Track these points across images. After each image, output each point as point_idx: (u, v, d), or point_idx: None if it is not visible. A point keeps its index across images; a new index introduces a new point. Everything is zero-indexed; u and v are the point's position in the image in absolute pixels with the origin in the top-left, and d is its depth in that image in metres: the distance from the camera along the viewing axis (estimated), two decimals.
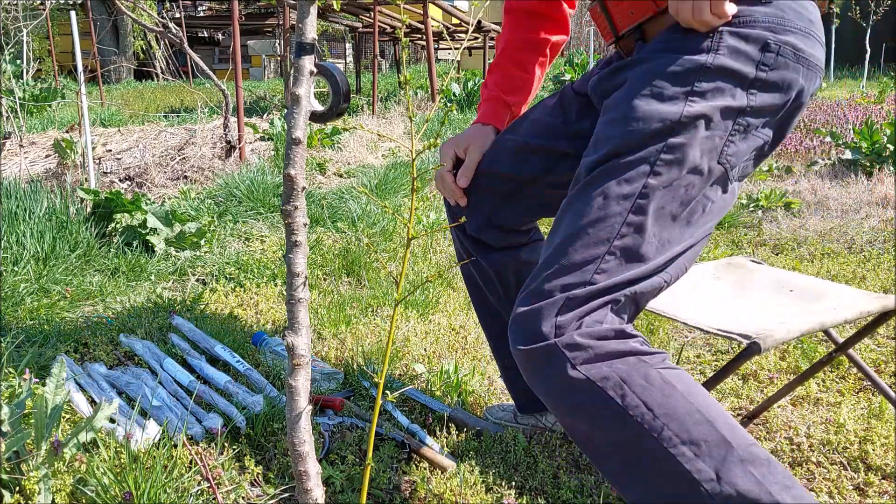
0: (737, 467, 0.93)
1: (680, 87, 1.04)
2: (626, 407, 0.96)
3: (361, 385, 1.82)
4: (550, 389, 1.01)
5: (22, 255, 2.55)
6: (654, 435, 0.95)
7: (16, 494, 1.27)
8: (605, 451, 1.01)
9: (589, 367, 0.97)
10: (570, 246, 1.03)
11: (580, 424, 1.01)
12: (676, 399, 0.96)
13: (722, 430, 0.95)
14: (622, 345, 0.99)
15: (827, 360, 1.53)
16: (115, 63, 13.40)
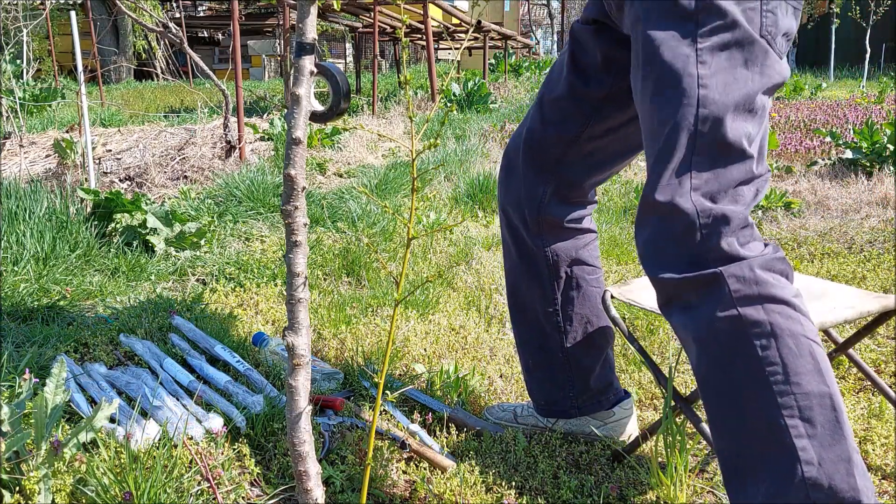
0: (842, 465, 0.91)
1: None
2: (763, 359, 0.94)
3: (361, 385, 1.82)
4: (693, 318, 0.98)
5: (22, 255, 2.55)
6: (778, 398, 0.93)
7: (16, 494, 1.27)
8: (719, 385, 0.98)
9: (747, 306, 0.95)
10: (671, 141, 1.01)
11: (706, 353, 0.99)
12: (813, 375, 0.94)
13: (842, 422, 0.93)
14: (783, 290, 0.97)
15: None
16: (115, 63, 13.40)
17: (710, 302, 0.97)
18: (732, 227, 0.99)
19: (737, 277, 0.96)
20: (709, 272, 0.97)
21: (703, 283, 0.97)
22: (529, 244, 1.49)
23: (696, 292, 0.98)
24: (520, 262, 1.51)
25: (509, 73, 13.64)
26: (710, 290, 0.97)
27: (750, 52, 1.03)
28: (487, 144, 5.73)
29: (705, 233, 0.98)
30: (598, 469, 1.48)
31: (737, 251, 0.98)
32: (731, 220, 0.99)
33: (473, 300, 2.46)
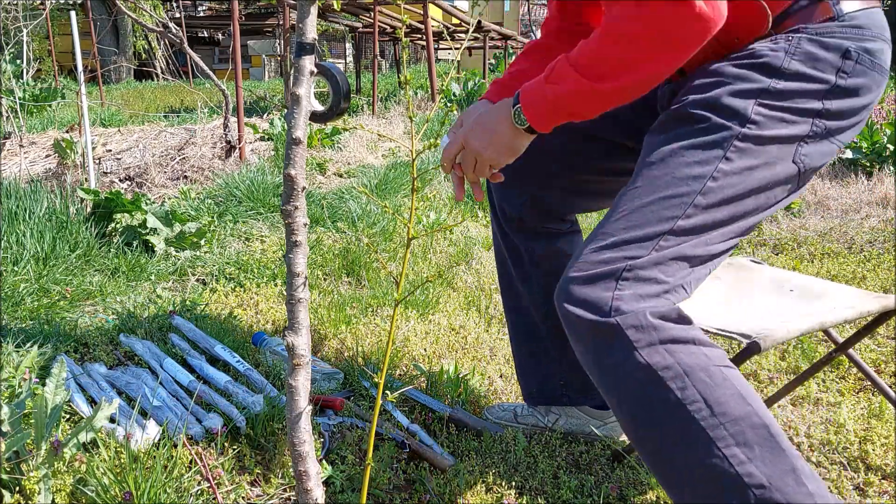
0: (789, 476, 0.92)
1: (753, 84, 1.06)
2: (683, 400, 0.95)
3: (361, 385, 1.82)
4: (605, 370, 1.00)
5: (22, 255, 2.55)
6: (709, 433, 0.93)
7: (16, 494, 1.27)
8: (652, 439, 0.99)
9: (651, 351, 0.96)
10: (635, 219, 1.04)
11: (631, 410, 1.00)
12: (735, 400, 0.95)
13: (777, 436, 0.95)
14: (684, 331, 0.98)
15: (827, 360, 1.52)
16: (115, 63, 13.39)
17: (616, 354, 0.98)
18: (638, 281, 1.01)
19: (634, 327, 0.97)
20: (608, 321, 0.98)
21: (604, 333, 0.99)
22: (512, 238, 1.51)
23: (601, 343, 1.00)
24: (507, 252, 1.53)
25: None
26: (613, 342, 0.98)
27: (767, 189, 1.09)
28: None
29: (613, 284, 1.01)
30: (598, 469, 1.48)
31: (632, 306, 0.99)
32: (638, 275, 1.01)
33: (473, 300, 2.46)
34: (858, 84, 1.10)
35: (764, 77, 1.07)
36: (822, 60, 1.08)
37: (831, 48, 1.08)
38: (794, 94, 1.07)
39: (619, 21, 1.01)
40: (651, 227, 1.03)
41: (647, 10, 0.97)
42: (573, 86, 1.06)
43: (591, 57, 1.04)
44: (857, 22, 1.10)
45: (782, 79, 1.07)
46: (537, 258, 1.50)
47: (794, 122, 1.07)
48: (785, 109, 1.07)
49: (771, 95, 1.07)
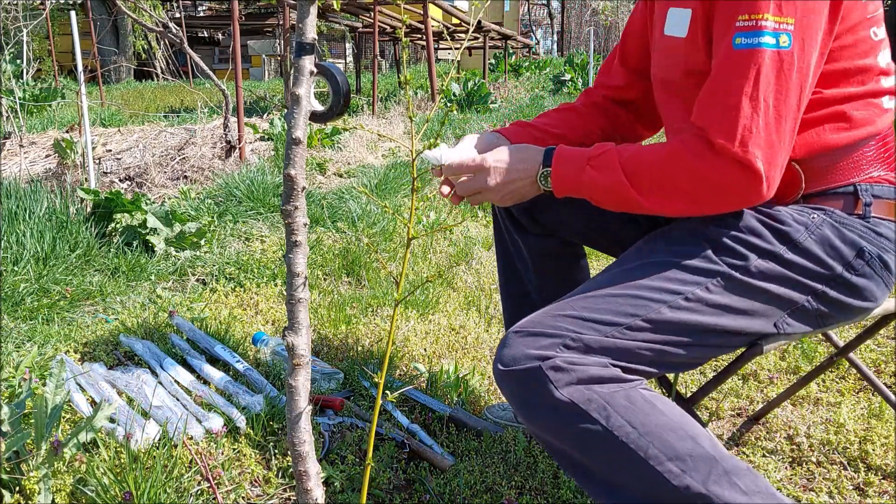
0: (723, 479, 0.95)
1: (765, 245, 1.09)
2: (610, 428, 0.98)
3: (361, 385, 1.82)
4: (533, 413, 1.03)
5: (22, 255, 2.55)
6: (641, 454, 0.97)
7: (16, 494, 1.27)
8: (591, 471, 1.03)
9: (571, 389, 0.99)
10: (600, 304, 1.06)
11: (565, 447, 1.03)
12: (658, 417, 0.99)
13: (704, 444, 0.98)
14: (603, 370, 1.01)
15: (828, 363, 1.53)
16: (115, 63, 13.40)
17: (539, 395, 1.01)
18: (581, 351, 1.03)
19: (554, 368, 1.00)
20: (532, 365, 1.01)
21: (528, 376, 1.01)
22: (513, 231, 1.52)
23: (526, 387, 1.02)
24: (510, 242, 1.55)
25: (509, 73, 13.64)
26: (536, 386, 1.01)
27: None
28: None
29: (557, 345, 1.03)
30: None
31: (560, 356, 1.02)
32: (582, 346, 1.04)
33: (473, 300, 2.46)
34: (862, 284, 1.12)
35: (778, 242, 1.10)
36: (837, 249, 1.10)
37: (848, 242, 1.11)
38: (800, 269, 1.10)
39: (693, 157, 1.06)
40: (611, 315, 1.05)
41: (720, 163, 1.03)
42: (613, 182, 1.10)
43: (648, 172, 1.09)
44: (881, 230, 1.13)
45: (794, 251, 1.10)
46: (533, 257, 1.51)
47: (791, 289, 1.10)
48: (787, 277, 1.10)
49: (778, 260, 1.09)
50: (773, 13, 1.01)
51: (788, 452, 1.57)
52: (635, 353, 1.05)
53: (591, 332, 1.03)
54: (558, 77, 11.09)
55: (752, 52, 1.03)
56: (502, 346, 1.06)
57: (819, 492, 1.42)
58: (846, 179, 1.14)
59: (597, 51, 13.01)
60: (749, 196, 1.05)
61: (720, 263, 1.08)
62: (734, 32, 1.03)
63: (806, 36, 1.03)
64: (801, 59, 1.03)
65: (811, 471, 1.50)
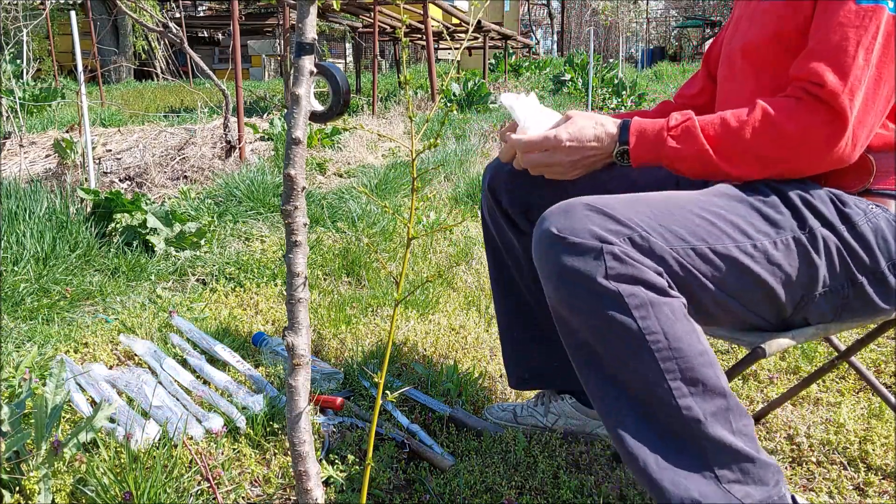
0: (722, 415, 0.98)
1: (830, 217, 1.10)
2: (643, 329, 0.97)
3: (361, 385, 1.82)
4: (569, 289, 1.00)
5: (22, 255, 2.55)
6: (660, 364, 0.97)
7: (16, 494, 1.27)
8: (598, 360, 1.02)
9: (622, 282, 0.97)
10: (677, 214, 1.04)
11: (583, 329, 1.01)
12: (693, 339, 0.99)
13: (723, 380, 0.99)
14: (657, 278, 1.00)
15: (829, 366, 1.53)
16: (115, 63, 13.39)
17: (585, 277, 0.99)
18: (643, 250, 1.02)
19: (613, 255, 0.98)
20: (590, 243, 0.99)
21: (586, 250, 0.99)
22: (504, 228, 1.52)
23: (575, 261, 1.00)
24: (500, 240, 1.55)
25: (509, 73, 13.64)
26: (592, 261, 0.99)
27: None
28: (487, 144, 5.73)
29: (621, 232, 1.01)
30: (598, 469, 1.48)
31: (621, 245, 1.00)
32: (646, 246, 1.02)
33: (473, 300, 2.46)
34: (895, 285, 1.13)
35: (839, 220, 1.10)
36: (887, 243, 1.11)
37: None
38: (851, 252, 1.10)
39: (779, 115, 1.07)
40: (684, 231, 1.03)
41: (813, 117, 1.05)
42: (695, 152, 1.11)
43: (730, 138, 1.10)
44: None
45: (851, 233, 1.10)
46: (525, 256, 1.51)
47: (837, 268, 1.10)
48: (839, 255, 1.10)
49: (837, 237, 1.10)
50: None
51: (788, 452, 1.57)
52: (687, 277, 1.03)
53: (660, 239, 1.01)
54: (558, 77, 11.09)
55: (876, 8, 1.05)
56: (563, 212, 1.02)
57: (819, 492, 1.42)
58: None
59: (597, 51, 13.01)
60: (831, 150, 1.06)
61: (791, 224, 1.08)
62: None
63: None
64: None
65: (811, 471, 1.50)
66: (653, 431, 0.99)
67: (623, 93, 9.48)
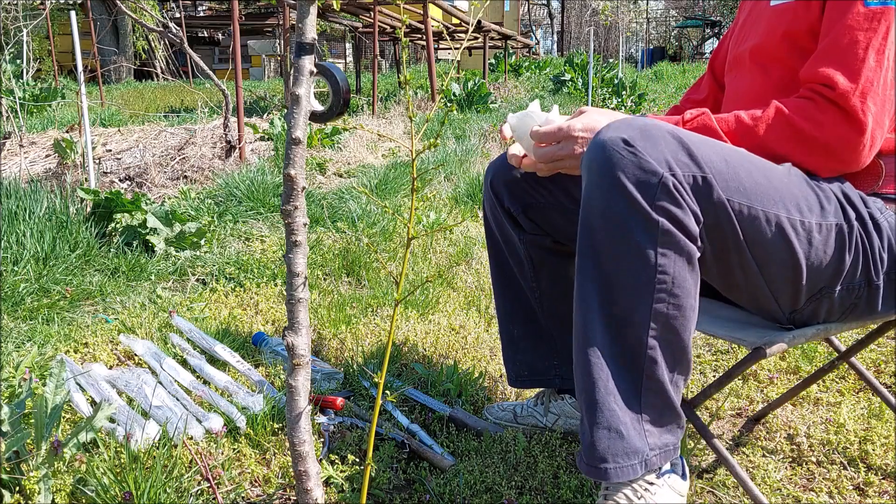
0: (670, 366, 1.04)
1: (863, 211, 1.11)
2: (658, 266, 0.99)
3: (361, 385, 1.82)
4: (612, 194, 1.00)
5: (22, 255, 2.55)
6: (654, 300, 1.00)
7: (16, 494, 1.27)
8: (601, 264, 1.03)
9: (663, 216, 0.98)
10: (749, 170, 1.04)
11: (598, 232, 1.02)
12: (692, 290, 1.02)
13: (689, 336, 1.04)
14: (694, 226, 1.00)
15: (829, 367, 1.53)
16: (115, 63, 13.39)
17: (632, 196, 0.99)
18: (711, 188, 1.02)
19: (670, 187, 0.98)
20: (655, 168, 0.99)
21: (649, 171, 0.99)
22: (506, 227, 1.52)
23: (632, 176, 0.99)
24: (502, 240, 1.55)
25: (509, 73, 13.64)
26: (649, 184, 0.99)
27: None
28: (487, 144, 5.73)
29: (694, 167, 1.02)
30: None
31: (686, 180, 1.01)
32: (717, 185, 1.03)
33: (473, 300, 2.46)
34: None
35: (868, 219, 1.12)
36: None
37: None
38: (872, 250, 1.11)
39: (794, 114, 1.08)
40: (747, 186, 1.03)
41: (827, 118, 1.06)
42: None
43: (744, 134, 1.12)
44: None
45: (876, 230, 1.12)
46: (525, 256, 1.51)
47: (860, 265, 1.11)
48: (864, 252, 1.11)
49: (867, 234, 1.11)
50: None
51: (788, 452, 1.57)
52: (730, 231, 1.04)
53: (724, 187, 1.01)
54: (558, 77, 11.09)
55: (884, 10, 1.06)
56: (640, 128, 1.01)
57: (819, 492, 1.42)
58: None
59: (597, 51, 13.00)
60: (847, 152, 1.07)
61: (837, 213, 1.09)
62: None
63: None
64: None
65: (811, 471, 1.50)
66: (614, 350, 1.03)
67: (623, 93, 9.48)
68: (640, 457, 1.05)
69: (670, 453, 1.09)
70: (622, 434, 1.03)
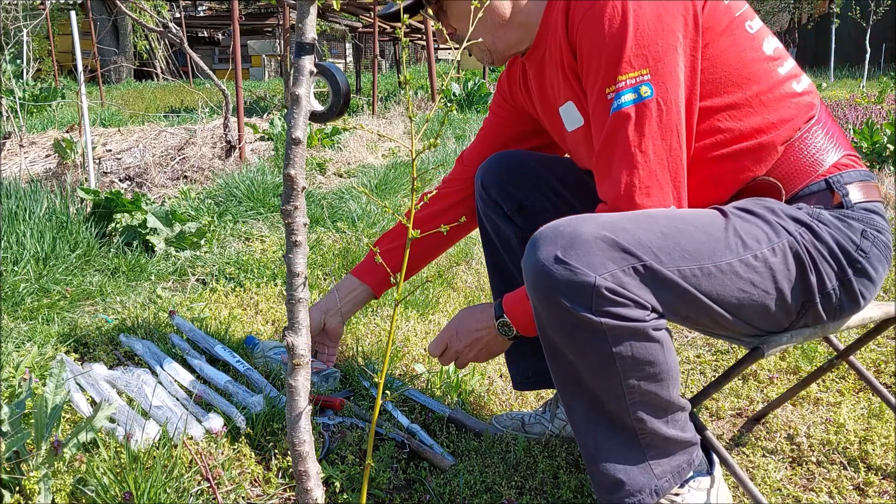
0: (662, 414, 1.09)
1: (803, 217, 1.14)
2: (615, 352, 1.04)
3: (361, 385, 1.82)
4: (562, 315, 1.04)
5: (22, 255, 2.55)
6: (622, 381, 1.05)
7: (16, 494, 1.27)
8: (569, 366, 1.09)
9: (607, 317, 1.01)
10: (688, 233, 1.07)
11: (561, 340, 1.07)
12: (658, 357, 1.05)
13: (672, 390, 1.09)
14: (640, 312, 1.03)
15: (828, 366, 1.53)
16: (115, 63, 13.40)
17: (581, 305, 1.03)
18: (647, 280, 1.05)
19: (605, 290, 1.02)
20: (584, 279, 1.02)
21: (581, 284, 1.02)
22: (497, 222, 1.53)
23: (566, 288, 1.03)
24: (494, 235, 1.56)
25: None
26: (584, 295, 1.02)
27: None
28: None
29: (625, 266, 1.05)
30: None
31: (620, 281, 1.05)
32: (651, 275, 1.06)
33: (473, 300, 2.46)
34: (872, 265, 1.15)
35: (808, 218, 1.14)
36: (844, 233, 1.14)
37: (849, 227, 1.14)
38: (829, 250, 1.13)
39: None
40: (691, 250, 1.06)
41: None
42: None
43: None
44: (869, 209, 1.16)
45: (825, 231, 1.13)
46: (523, 243, 1.52)
47: (824, 270, 1.13)
48: (822, 256, 1.12)
49: (817, 238, 1.12)
50: (625, 72, 1.09)
51: (788, 452, 1.57)
52: (688, 298, 1.06)
53: (663, 265, 1.04)
54: None
55: (617, 115, 1.11)
56: (571, 240, 1.03)
57: (819, 492, 1.42)
58: (812, 177, 1.17)
59: None
60: None
61: (785, 230, 1.11)
62: (608, 106, 1.12)
63: (666, 76, 1.09)
64: (666, 100, 1.10)
65: (811, 471, 1.50)
66: (602, 419, 1.09)
67: None
68: (649, 489, 1.09)
69: (685, 470, 1.12)
70: (622, 482, 1.08)
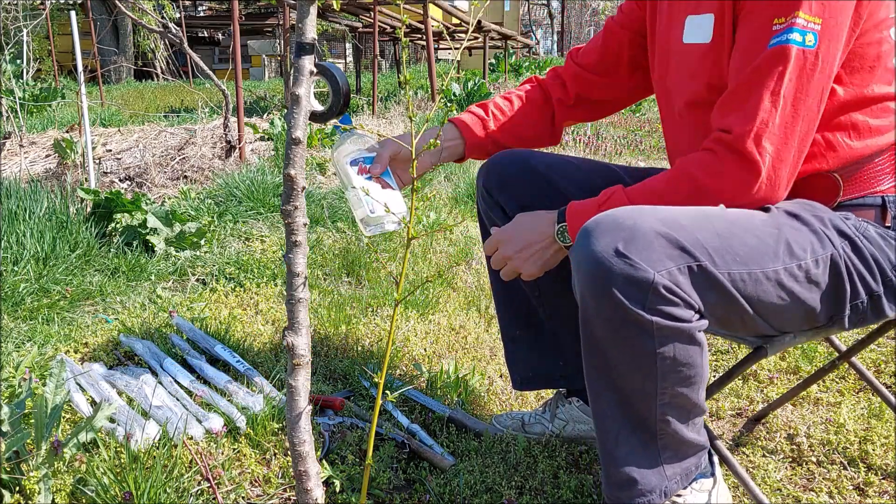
0: (686, 418, 1.10)
1: (850, 232, 1.13)
2: (658, 352, 1.02)
3: (361, 385, 1.82)
4: (605, 301, 1.02)
5: (22, 255, 2.55)
6: (658, 380, 1.04)
7: (16, 494, 1.27)
8: (604, 359, 1.07)
9: (657, 315, 1.00)
10: (742, 238, 1.06)
11: (600, 336, 1.05)
12: (696, 359, 1.05)
13: (700, 394, 1.08)
14: (687, 312, 1.02)
15: (829, 367, 1.53)
16: (115, 63, 13.40)
17: (622, 303, 1.01)
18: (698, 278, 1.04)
19: (661, 289, 1.00)
20: (643, 275, 1.00)
21: (639, 279, 1.00)
22: (501, 222, 1.52)
23: (620, 282, 1.02)
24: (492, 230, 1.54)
25: (509, 72, 13.63)
26: (639, 291, 1.01)
27: None
28: None
29: (680, 264, 1.03)
30: (597, 469, 1.48)
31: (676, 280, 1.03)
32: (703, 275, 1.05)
33: (473, 300, 2.46)
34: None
35: (854, 236, 1.13)
36: (885, 252, 1.13)
37: (891, 247, 1.14)
38: (867, 265, 1.12)
39: (696, 171, 1.11)
40: (745, 253, 1.05)
41: (722, 169, 1.09)
42: None
43: (651, 197, 1.13)
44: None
45: (863, 246, 1.12)
46: None
47: (857, 284, 1.13)
48: (859, 271, 1.12)
49: (856, 251, 1.12)
50: (804, 11, 1.05)
51: (788, 452, 1.57)
52: (731, 301, 1.05)
53: (715, 267, 1.03)
54: None
55: (781, 49, 1.06)
56: (632, 234, 1.01)
57: (819, 492, 1.42)
58: (869, 189, 1.17)
59: None
60: (744, 195, 1.09)
61: (825, 241, 1.11)
62: (770, 36, 1.07)
63: (832, 36, 1.06)
64: (825, 59, 1.06)
65: (811, 471, 1.50)
66: (627, 417, 1.08)
67: None
68: (659, 490, 1.10)
69: (692, 472, 1.14)
70: (635, 480, 1.09)
